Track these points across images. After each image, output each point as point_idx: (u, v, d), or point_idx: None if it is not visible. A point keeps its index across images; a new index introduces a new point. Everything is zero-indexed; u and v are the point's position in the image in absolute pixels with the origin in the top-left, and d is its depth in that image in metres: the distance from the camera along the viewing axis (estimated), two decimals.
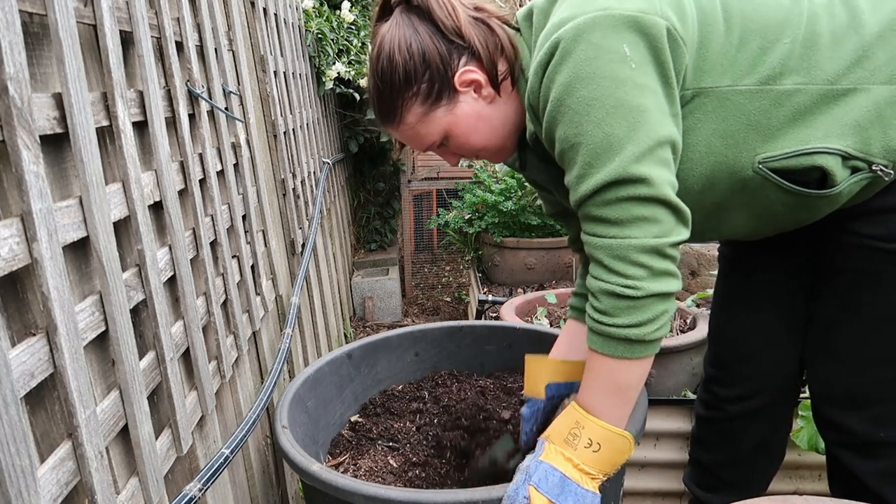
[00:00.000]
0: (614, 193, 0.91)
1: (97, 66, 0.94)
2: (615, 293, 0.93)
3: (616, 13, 0.92)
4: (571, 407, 1.02)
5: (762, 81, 0.97)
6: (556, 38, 0.93)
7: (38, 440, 0.74)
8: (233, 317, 1.42)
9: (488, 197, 3.47)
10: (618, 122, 0.90)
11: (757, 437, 1.41)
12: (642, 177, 0.90)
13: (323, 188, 2.75)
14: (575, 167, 0.95)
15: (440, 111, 1.06)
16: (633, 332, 0.93)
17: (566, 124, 0.94)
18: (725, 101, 0.98)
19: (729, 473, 1.46)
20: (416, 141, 1.11)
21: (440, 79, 1.04)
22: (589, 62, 0.91)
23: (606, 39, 0.91)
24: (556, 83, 0.93)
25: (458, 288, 4.62)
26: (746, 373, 1.37)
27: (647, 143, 0.91)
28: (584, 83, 0.91)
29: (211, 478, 1.04)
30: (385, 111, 1.09)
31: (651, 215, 0.91)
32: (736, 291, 1.37)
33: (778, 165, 0.98)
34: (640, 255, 0.91)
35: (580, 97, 0.92)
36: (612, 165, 0.91)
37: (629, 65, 0.91)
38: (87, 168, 0.83)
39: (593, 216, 0.95)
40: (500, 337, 1.67)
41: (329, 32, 3.15)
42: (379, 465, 1.32)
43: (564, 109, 0.93)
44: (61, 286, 0.74)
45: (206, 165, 1.33)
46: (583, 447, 0.98)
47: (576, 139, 0.93)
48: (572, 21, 0.93)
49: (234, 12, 1.73)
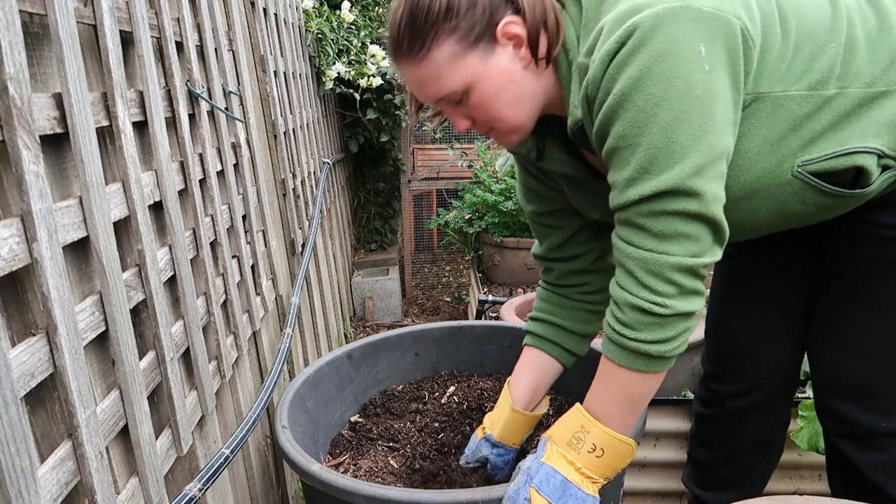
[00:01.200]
0: (663, 205, 0.88)
1: (97, 66, 0.94)
2: (643, 308, 0.91)
3: (696, 7, 0.86)
4: (576, 410, 1.01)
5: (811, 87, 0.95)
6: (631, 25, 0.87)
7: (38, 440, 0.74)
8: (233, 317, 1.42)
9: (488, 197, 3.47)
10: (684, 128, 0.86)
11: (756, 433, 1.41)
12: (697, 191, 0.87)
13: (323, 188, 2.75)
14: (627, 168, 0.90)
15: (473, 57, 0.97)
16: (654, 347, 0.93)
17: (628, 121, 0.89)
18: (778, 107, 0.95)
19: (728, 471, 1.46)
20: (433, 85, 1.00)
21: (483, 22, 0.96)
22: (664, 58, 0.86)
23: (685, 35, 0.86)
24: (625, 75, 0.87)
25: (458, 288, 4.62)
26: (746, 367, 1.37)
27: (708, 156, 0.88)
28: (655, 80, 0.86)
29: (211, 478, 1.04)
30: (412, 41, 0.97)
31: (693, 233, 0.90)
32: (735, 285, 1.37)
33: (818, 168, 0.97)
34: (674, 273, 0.90)
35: (649, 95, 0.86)
36: (669, 175, 0.87)
37: (703, 66, 0.87)
38: (87, 168, 0.82)
39: (634, 223, 0.92)
40: (500, 337, 1.67)
41: (329, 32, 3.15)
42: (379, 466, 1.32)
43: (629, 105, 0.88)
44: (61, 286, 0.74)
45: (206, 165, 1.33)
46: (586, 451, 0.98)
47: (636, 139, 0.88)
48: (650, 9, 0.86)
49: (234, 12, 1.73)
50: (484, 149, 4.09)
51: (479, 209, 3.60)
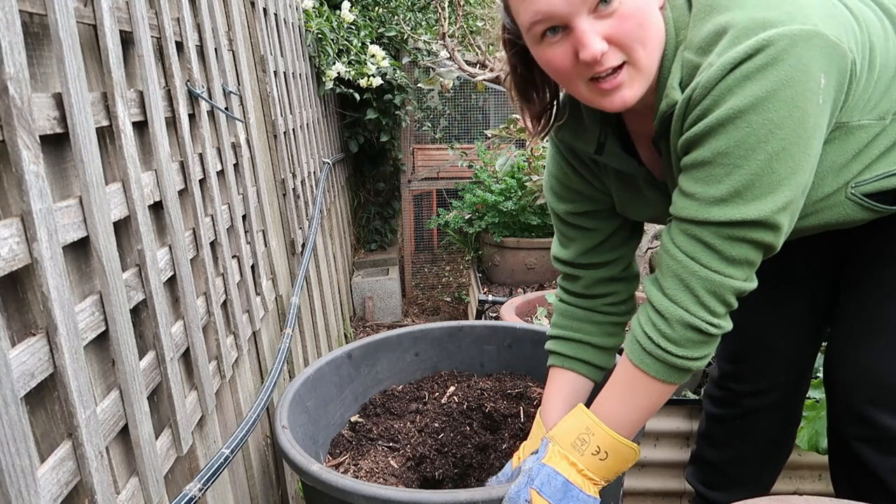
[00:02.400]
0: (745, 233, 0.88)
1: (97, 66, 0.94)
2: (698, 328, 0.92)
3: (825, 34, 0.84)
4: (581, 412, 1.01)
5: (880, 116, 0.96)
6: (765, 40, 0.82)
7: (38, 440, 0.74)
8: (233, 317, 1.42)
9: (488, 197, 3.47)
10: (787, 160, 0.85)
11: (770, 432, 1.41)
12: (779, 226, 0.87)
13: (323, 188, 2.75)
14: (718, 186, 0.87)
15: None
16: (694, 364, 0.95)
17: (735, 139, 0.85)
18: (850, 135, 0.96)
19: (739, 470, 1.45)
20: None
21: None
22: (791, 84, 0.82)
23: (813, 63, 0.83)
24: (746, 91, 0.83)
25: (458, 288, 4.62)
26: (764, 366, 1.36)
27: (797, 192, 0.87)
28: (778, 105, 0.83)
29: (211, 478, 1.04)
30: None
31: (757, 260, 0.91)
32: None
33: (870, 189, 0.98)
34: (731, 296, 0.91)
35: (767, 119, 0.83)
36: (761, 205, 0.86)
37: (819, 98, 0.84)
38: (87, 168, 0.82)
39: (705, 241, 0.90)
40: (500, 337, 1.67)
41: (329, 32, 3.15)
42: (379, 466, 1.32)
43: (742, 124, 0.84)
44: (61, 286, 0.74)
45: (206, 165, 1.33)
46: (590, 454, 0.98)
47: (738, 160, 0.85)
48: (785, 27, 0.83)
49: (234, 12, 1.73)
50: (484, 149, 4.09)
51: (479, 209, 3.60)
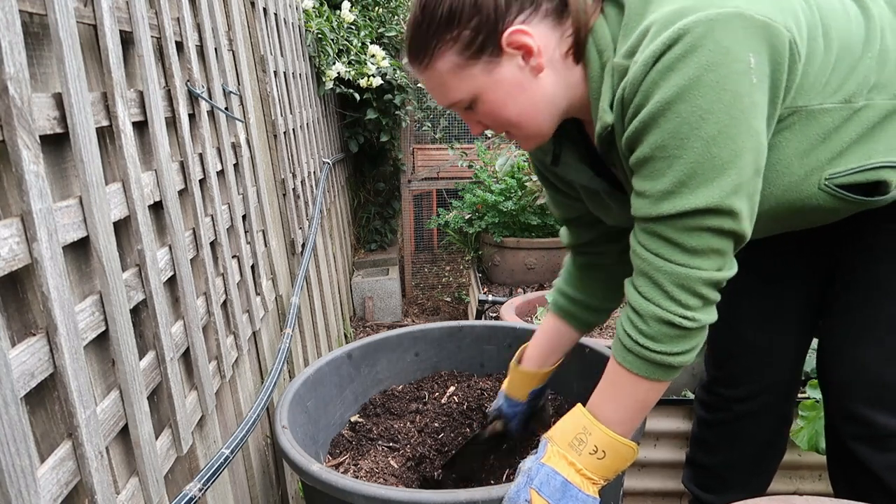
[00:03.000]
0: (700, 221, 0.87)
1: (97, 66, 0.94)
2: (671, 322, 0.91)
3: (748, 14, 0.83)
4: (579, 411, 1.01)
5: (845, 100, 0.94)
6: (681, 28, 0.82)
7: (38, 440, 0.74)
8: (233, 317, 1.42)
9: (488, 197, 3.47)
10: (726, 143, 0.84)
11: (762, 435, 1.41)
12: (733, 210, 0.86)
13: (323, 188, 2.75)
14: (662, 180, 0.87)
15: (476, 69, 0.94)
16: (676, 359, 0.94)
17: (668, 131, 0.85)
18: (812, 120, 0.94)
19: (732, 473, 1.45)
20: (441, 93, 0.99)
21: (487, 30, 0.91)
22: (714, 68, 0.82)
23: (736, 44, 0.82)
24: (670, 82, 0.83)
25: (458, 288, 4.62)
26: (753, 370, 1.35)
27: (747, 174, 0.86)
28: (703, 91, 0.82)
29: (211, 478, 1.04)
30: (417, 48, 0.97)
31: (723, 249, 0.90)
32: (743, 287, 1.35)
33: (844, 181, 0.96)
34: (702, 287, 0.90)
35: (695, 106, 0.83)
36: (708, 192, 0.85)
37: (751, 78, 0.83)
38: (87, 168, 0.82)
39: (665, 237, 0.90)
40: (500, 337, 1.67)
41: (329, 32, 3.15)
42: (380, 466, 1.32)
43: (672, 115, 0.84)
44: (61, 286, 0.74)
45: (206, 165, 1.33)
46: (587, 453, 0.98)
47: (675, 151, 0.85)
48: (702, 13, 0.82)
49: (234, 12, 1.73)
50: (484, 149, 4.09)
51: (479, 209, 3.60)
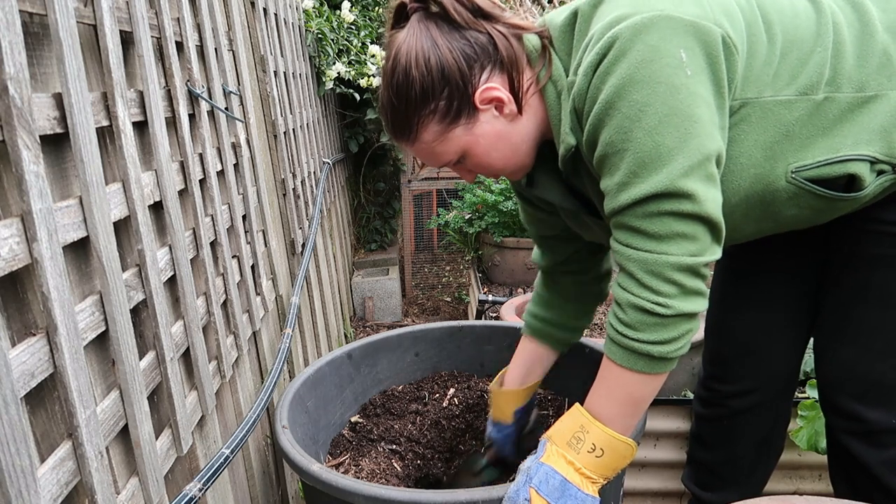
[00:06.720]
0: (657, 206, 0.90)
1: (97, 66, 0.94)
2: (644, 309, 0.92)
3: (674, 16, 0.89)
4: (576, 410, 1.01)
5: (801, 92, 0.97)
6: (612, 36, 0.90)
7: (38, 440, 0.74)
8: (233, 317, 1.42)
9: (488, 197, 3.46)
10: (669, 131, 0.88)
11: (758, 432, 1.41)
12: (688, 192, 0.88)
13: (323, 188, 2.75)
14: (617, 174, 0.92)
15: (458, 130, 1.02)
16: (656, 349, 0.93)
17: (614, 128, 0.90)
18: (768, 112, 0.97)
19: (730, 471, 1.46)
20: (432, 159, 1.07)
21: (459, 96, 0.99)
22: (645, 65, 0.88)
23: (664, 42, 0.88)
24: (608, 84, 0.90)
25: (458, 288, 4.62)
26: (748, 367, 1.36)
27: (696, 157, 0.89)
28: (637, 86, 0.88)
29: (211, 478, 1.04)
30: (399, 127, 1.05)
31: (690, 232, 0.90)
32: (735, 284, 1.36)
33: (811, 174, 0.98)
34: (674, 273, 0.91)
35: (632, 101, 0.88)
36: (658, 177, 0.88)
37: (685, 71, 0.88)
38: (87, 168, 0.82)
39: (630, 227, 0.93)
40: (500, 337, 1.67)
41: (329, 32, 3.15)
42: (380, 466, 1.32)
43: (614, 112, 0.90)
44: (61, 286, 0.74)
45: (206, 165, 1.33)
46: (586, 451, 0.98)
47: (623, 145, 0.90)
48: (629, 20, 0.89)
49: (234, 12, 1.73)
50: None
51: (479, 209, 3.60)
